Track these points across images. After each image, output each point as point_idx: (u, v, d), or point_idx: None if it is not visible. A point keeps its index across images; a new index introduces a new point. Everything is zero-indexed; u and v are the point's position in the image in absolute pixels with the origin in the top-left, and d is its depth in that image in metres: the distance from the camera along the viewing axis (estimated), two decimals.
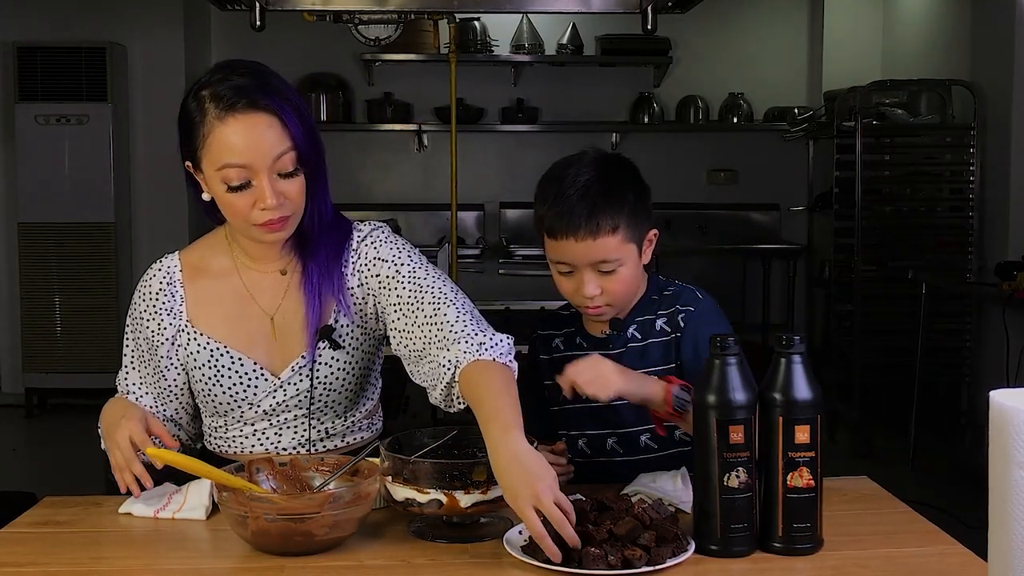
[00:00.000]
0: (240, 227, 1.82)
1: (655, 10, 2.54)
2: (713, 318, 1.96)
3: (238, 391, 1.89)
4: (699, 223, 6.95)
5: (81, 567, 1.58)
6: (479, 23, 6.69)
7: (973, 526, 2.00)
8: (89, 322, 6.26)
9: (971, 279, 5.31)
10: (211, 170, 1.75)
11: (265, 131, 1.73)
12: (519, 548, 1.56)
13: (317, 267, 1.87)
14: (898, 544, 1.62)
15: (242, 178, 1.73)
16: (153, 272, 1.94)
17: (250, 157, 1.72)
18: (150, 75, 6.45)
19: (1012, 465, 1.13)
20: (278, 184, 1.75)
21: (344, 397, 1.93)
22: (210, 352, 1.89)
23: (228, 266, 1.92)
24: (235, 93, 1.73)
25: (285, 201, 1.76)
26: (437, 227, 6.70)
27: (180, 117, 1.80)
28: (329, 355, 1.89)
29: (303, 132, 1.77)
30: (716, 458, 1.55)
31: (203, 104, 1.75)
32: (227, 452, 1.96)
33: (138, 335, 1.95)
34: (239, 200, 1.75)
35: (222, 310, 1.90)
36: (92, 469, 2.68)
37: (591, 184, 1.89)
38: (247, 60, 1.82)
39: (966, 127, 5.41)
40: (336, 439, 1.96)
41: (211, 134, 1.73)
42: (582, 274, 1.91)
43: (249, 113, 1.72)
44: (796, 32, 7.04)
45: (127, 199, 6.45)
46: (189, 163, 1.82)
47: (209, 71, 1.80)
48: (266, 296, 1.90)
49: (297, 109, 1.77)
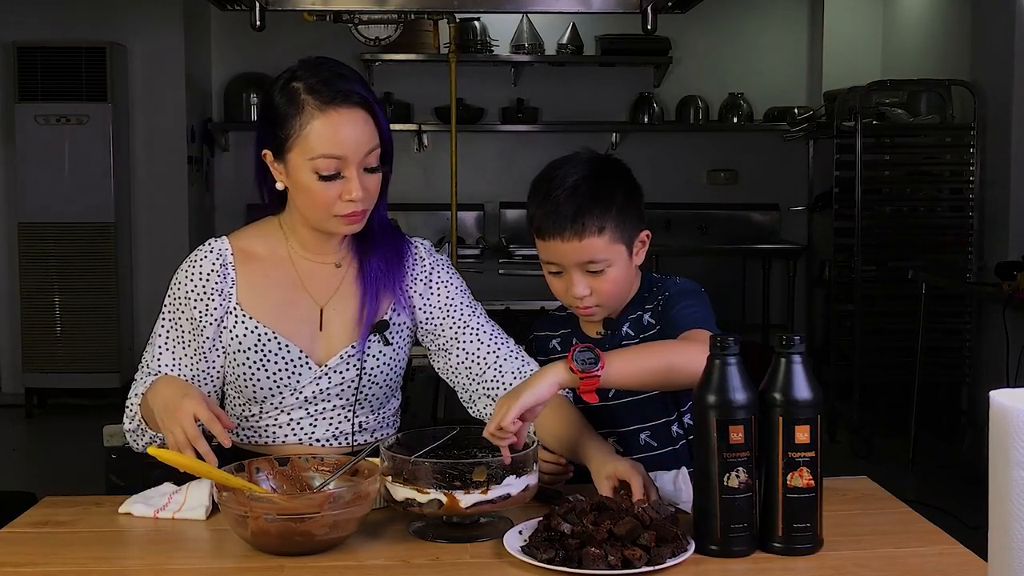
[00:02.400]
0: (319, 216, 1.87)
1: (655, 10, 2.54)
2: (688, 295, 1.94)
3: (282, 376, 1.91)
4: (699, 223, 6.95)
5: (81, 567, 1.58)
6: (479, 23, 6.69)
7: (973, 526, 2.00)
8: (89, 322, 6.26)
9: (971, 279, 5.31)
10: (302, 159, 1.82)
11: (362, 125, 1.82)
12: (519, 548, 1.56)
13: (377, 263, 1.95)
14: (898, 544, 1.62)
15: (334, 169, 1.81)
16: (204, 253, 1.94)
17: (346, 149, 1.80)
18: (150, 75, 6.45)
19: (1012, 465, 1.13)
20: (363, 178, 1.83)
21: (383, 392, 1.98)
22: (257, 336, 1.90)
23: (282, 254, 1.96)
24: (332, 87, 1.81)
25: (367, 195, 1.84)
26: (437, 227, 6.71)
27: (265, 108, 1.88)
28: (378, 349, 1.94)
29: (388, 130, 1.87)
30: (716, 458, 1.55)
31: (297, 96, 1.82)
32: (257, 443, 1.96)
33: (179, 315, 1.93)
34: (328, 190, 1.82)
35: (272, 296, 1.93)
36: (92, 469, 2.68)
37: (579, 184, 1.89)
38: (329, 57, 1.90)
39: (966, 127, 5.41)
40: (367, 434, 1.99)
41: (308, 124, 1.80)
42: (571, 274, 1.91)
43: (348, 107, 1.81)
44: (796, 32, 7.04)
45: (127, 199, 6.45)
46: (269, 152, 1.87)
47: (295, 66, 1.87)
48: (318, 286, 1.94)
49: (381, 106, 1.87)
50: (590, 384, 1.68)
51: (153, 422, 1.81)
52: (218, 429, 1.70)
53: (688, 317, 1.88)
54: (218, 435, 1.70)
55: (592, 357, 1.67)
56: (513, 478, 1.64)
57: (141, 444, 1.91)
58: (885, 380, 5.58)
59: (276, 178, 1.88)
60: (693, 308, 1.91)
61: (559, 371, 1.68)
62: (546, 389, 1.67)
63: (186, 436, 1.69)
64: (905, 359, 5.27)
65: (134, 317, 6.52)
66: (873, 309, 5.58)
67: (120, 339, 6.29)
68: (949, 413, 5.50)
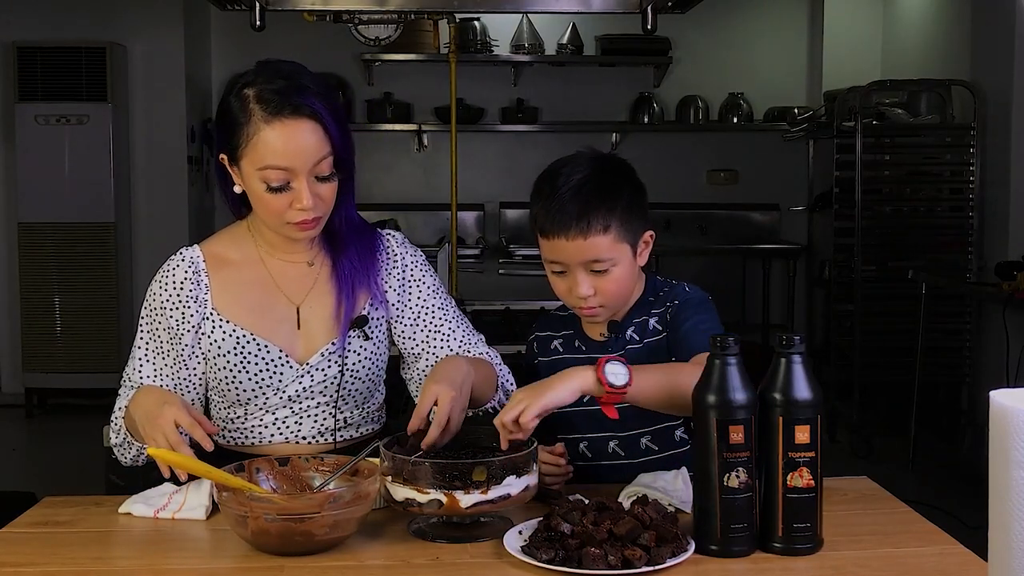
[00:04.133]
0: (272, 224, 1.87)
1: (655, 10, 2.54)
2: (699, 306, 1.94)
3: (264, 377, 1.91)
4: (699, 223, 6.96)
5: (81, 567, 1.58)
6: (479, 23, 6.69)
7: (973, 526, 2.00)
8: (89, 322, 6.26)
9: (971, 279, 5.31)
10: (251, 169, 1.81)
11: (309, 136, 1.79)
12: (519, 548, 1.56)
13: (349, 261, 1.95)
14: (898, 544, 1.62)
15: (282, 180, 1.80)
16: (176, 263, 1.95)
17: (293, 161, 1.79)
18: (150, 75, 6.45)
19: (1012, 465, 1.13)
20: (315, 187, 1.82)
21: (366, 387, 1.98)
22: (236, 339, 1.91)
23: (253, 256, 1.96)
24: (281, 97, 1.79)
25: (319, 203, 1.83)
26: (437, 227, 6.71)
27: (220, 112, 1.85)
28: (358, 344, 1.94)
29: (341, 137, 1.84)
30: (716, 458, 1.55)
31: (247, 104, 1.80)
32: (243, 444, 1.96)
33: (157, 326, 1.94)
34: (276, 200, 1.81)
35: (248, 298, 1.93)
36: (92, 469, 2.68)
37: (584, 183, 1.88)
38: (288, 61, 1.88)
39: (966, 127, 5.41)
40: (352, 429, 2.00)
41: (255, 135, 1.79)
42: (575, 274, 1.90)
43: (295, 119, 1.78)
44: (796, 32, 7.05)
45: (127, 199, 6.46)
46: (225, 156, 1.86)
47: (251, 70, 1.85)
48: (292, 286, 1.95)
49: (336, 114, 1.84)
50: (614, 399, 1.68)
51: (138, 434, 1.81)
52: (200, 434, 1.70)
53: (703, 336, 1.80)
54: (200, 440, 1.70)
55: (624, 372, 1.67)
56: (513, 478, 1.64)
57: (128, 457, 1.92)
58: (885, 380, 5.58)
59: (235, 181, 1.87)
60: (706, 326, 1.88)
61: (585, 379, 1.68)
62: (568, 396, 1.67)
63: (168, 443, 1.69)
64: (905, 359, 5.27)
65: (134, 317, 6.42)
66: (873, 309, 5.58)
67: (120, 339, 6.29)
68: (949, 413, 5.50)
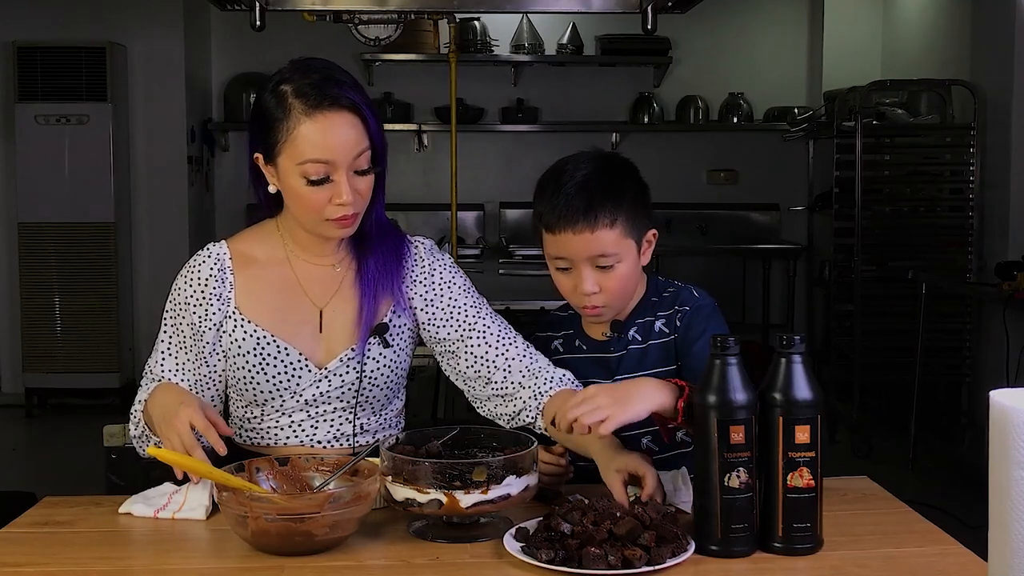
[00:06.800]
0: (310, 220, 1.85)
1: (655, 10, 2.55)
2: (711, 317, 1.95)
3: (281, 380, 1.90)
4: (699, 223, 6.96)
5: (81, 567, 1.58)
6: (479, 23, 6.69)
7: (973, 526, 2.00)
8: (89, 322, 6.26)
9: (971, 279, 5.31)
10: (291, 164, 1.80)
11: (349, 130, 1.80)
12: (519, 548, 1.56)
13: (375, 265, 1.93)
14: (898, 544, 1.62)
15: (323, 173, 1.79)
16: (202, 259, 1.94)
17: (334, 154, 1.78)
18: (150, 75, 6.45)
19: (1012, 465, 1.13)
20: (354, 181, 1.81)
21: (384, 394, 1.97)
22: (256, 340, 1.90)
23: (280, 256, 1.95)
24: (320, 91, 1.79)
25: (358, 198, 1.83)
26: (437, 227, 6.70)
27: (255, 111, 1.86)
28: (378, 351, 1.92)
29: (378, 131, 1.84)
30: (716, 458, 1.55)
31: (285, 99, 1.80)
32: (259, 444, 1.96)
33: (180, 321, 1.93)
34: (317, 194, 1.80)
35: (271, 299, 1.92)
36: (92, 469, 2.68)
37: (590, 178, 1.89)
38: (319, 58, 1.88)
39: (966, 127, 5.41)
40: (369, 435, 1.98)
41: (295, 129, 1.79)
42: (580, 270, 1.90)
43: (335, 111, 1.79)
44: (796, 32, 7.04)
45: (127, 199, 6.45)
46: (260, 156, 1.86)
47: (285, 68, 1.86)
48: (317, 288, 1.94)
49: (372, 107, 1.84)
50: (682, 426, 1.69)
51: (155, 429, 1.81)
52: (214, 438, 1.70)
53: None
54: (214, 443, 1.70)
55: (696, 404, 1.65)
56: (513, 478, 1.64)
57: (145, 450, 1.91)
58: (885, 380, 5.58)
59: (269, 181, 1.87)
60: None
61: (664, 400, 1.67)
62: (645, 414, 1.67)
63: (183, 445, 1.69)
64: (905, 359, 5.26)
65: (134, 317, 6.52)
66: (873, 309, 5.58)
67: (120, 339, 6.29)
68: (949, 413, 5.50)
